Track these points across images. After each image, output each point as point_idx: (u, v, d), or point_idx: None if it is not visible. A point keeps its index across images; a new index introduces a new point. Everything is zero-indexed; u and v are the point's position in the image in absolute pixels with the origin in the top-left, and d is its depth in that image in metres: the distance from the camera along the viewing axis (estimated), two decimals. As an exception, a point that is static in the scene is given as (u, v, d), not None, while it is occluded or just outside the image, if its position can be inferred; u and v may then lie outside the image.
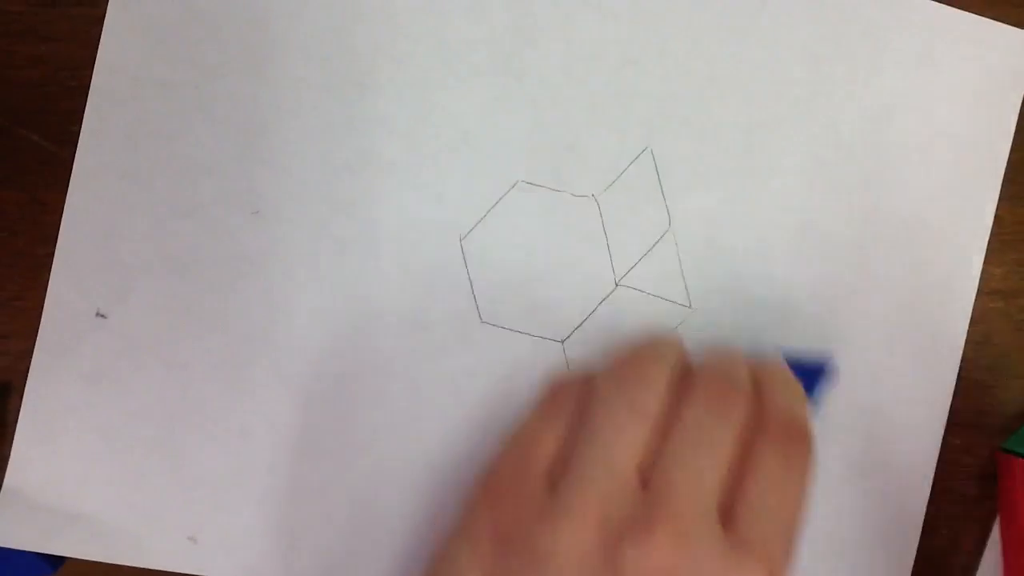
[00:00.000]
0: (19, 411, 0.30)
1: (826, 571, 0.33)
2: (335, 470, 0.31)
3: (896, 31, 0.33)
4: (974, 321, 0.33)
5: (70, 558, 0.31)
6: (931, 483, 0.33)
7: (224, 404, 0.31)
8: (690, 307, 0.32)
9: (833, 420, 0.33)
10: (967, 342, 0.33)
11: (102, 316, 0.30)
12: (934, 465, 0.33)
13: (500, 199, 0.31)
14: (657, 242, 0.32)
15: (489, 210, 0.31)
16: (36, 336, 0.30)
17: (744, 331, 0.33)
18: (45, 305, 0.30)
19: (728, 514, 0.24)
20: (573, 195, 0.32)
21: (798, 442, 0.26)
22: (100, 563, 0.30)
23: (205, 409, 0.31)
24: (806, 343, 0.33)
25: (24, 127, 0.31)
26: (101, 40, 0.30)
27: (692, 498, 0.24)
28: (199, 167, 0.30)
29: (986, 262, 0.34)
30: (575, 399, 0.27)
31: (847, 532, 0.33)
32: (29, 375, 0.30)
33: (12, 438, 0.30)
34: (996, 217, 0.34)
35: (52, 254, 0.30)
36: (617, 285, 0.32)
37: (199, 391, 0.30)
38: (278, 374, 0.31)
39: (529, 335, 0.32)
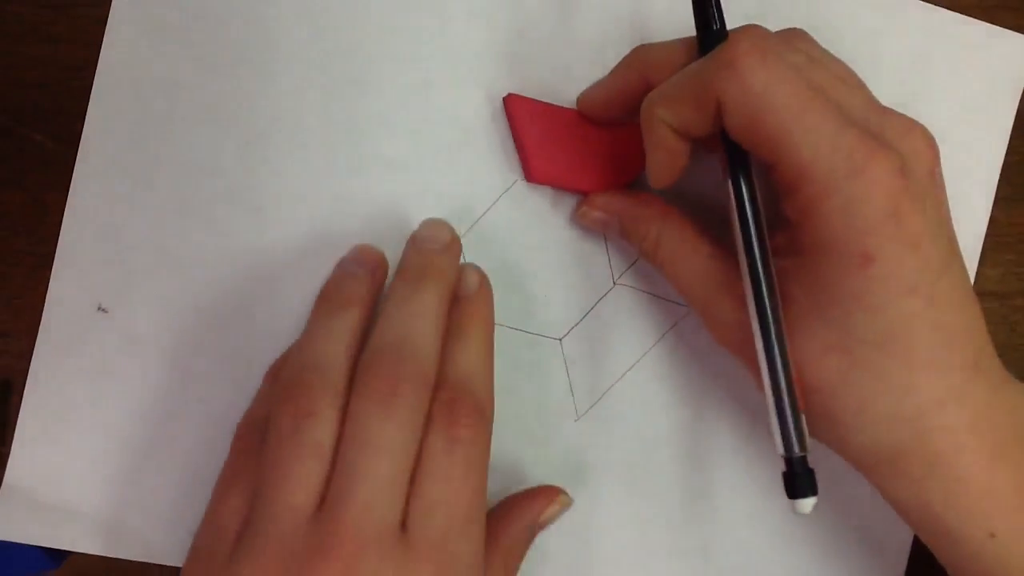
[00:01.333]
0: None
1: (821, 569, 0.33)
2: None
3: (894, 35, 0.33)
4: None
5: (72, 552, 0.31)
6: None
7: (225, 401, 0.31)
8: (687, 305, 0.33)
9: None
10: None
11: (103, 311, 0.30)
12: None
13: (499, 197, 0.32)
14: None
15: (488, 208, 0.32)
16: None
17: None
18: (46, 300, 0.30)
19: (407, 513, 0.24)
20: (571, 193, 0.32)
21: (464, 415, 0.25)
22: (102, 557, 0.31)
23: (206, 406, 0.31)
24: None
25: (27, 127, 0.31)
26: (104, 40, 0.30)
27: (364, 514, 0.24)
28: (201, 166, 0.31)
29: (981, 264, 0.34)
30: (257, 445, 0.26)
31: (841, 531, 0.33)
32: (30, 370, 0.30)
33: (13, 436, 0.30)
34: (991, 219, 0.34)
35: (54, 254, 0.30)
36: (615, 284, 0.32)
37: (200, 388, 0.31)
38: (278, 371, 0.31)
39: (527, 332, 0.32)
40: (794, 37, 0.26)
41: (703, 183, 0.31)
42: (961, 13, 0.33)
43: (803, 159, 0.24)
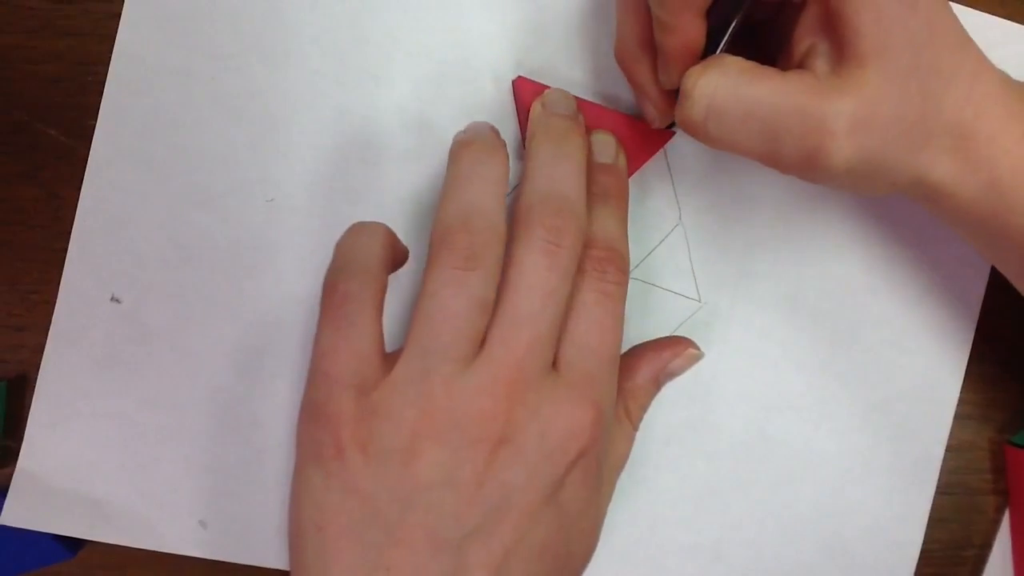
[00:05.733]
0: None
1: (830, 567, 0.33)
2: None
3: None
4: (984, 315, 0.33)
5: (88, 543, 0.31)
6: (937, 477, 0.33)
7: (235, 391, 0.31)
8: (700, 301, 0.33)
9: (841, 416, 0.33)
10: (976, 336, 0.33)
11: (116, 301, 0.31)
12: (940, 459, 0.33)
13: (512, 190, 0.32)
14: (667, 236, 0.32)
15: (500, 201, 0.32)
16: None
17: (753, 326, 0.33)
18: (60, 290, 0.31)
19: (556, 355, 0.26)
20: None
21: (613, 272, 0.27)
22: (115, 548, 0.31)
23: (216, 396, 0.31)
24: (816, 339, 0.33)
25: (42, 122, 0.31)
26: (118, 32, 0.31)
27: (526, 356, 0.25)
28: (214, 157, 0.31)
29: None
30: (359, 291, 0.26)
31: (854, 526, 0.33)
32: (43, 359, 0.31)
33: (29, 428, 0.31)
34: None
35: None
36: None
37: (210, 378, 0.31)
38: (289, 362, 0.31)
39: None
40: None
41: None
42: (974, 8, 0.33)
43: None
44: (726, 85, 0.25)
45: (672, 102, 0.29)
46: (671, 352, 0.30)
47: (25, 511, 0.30)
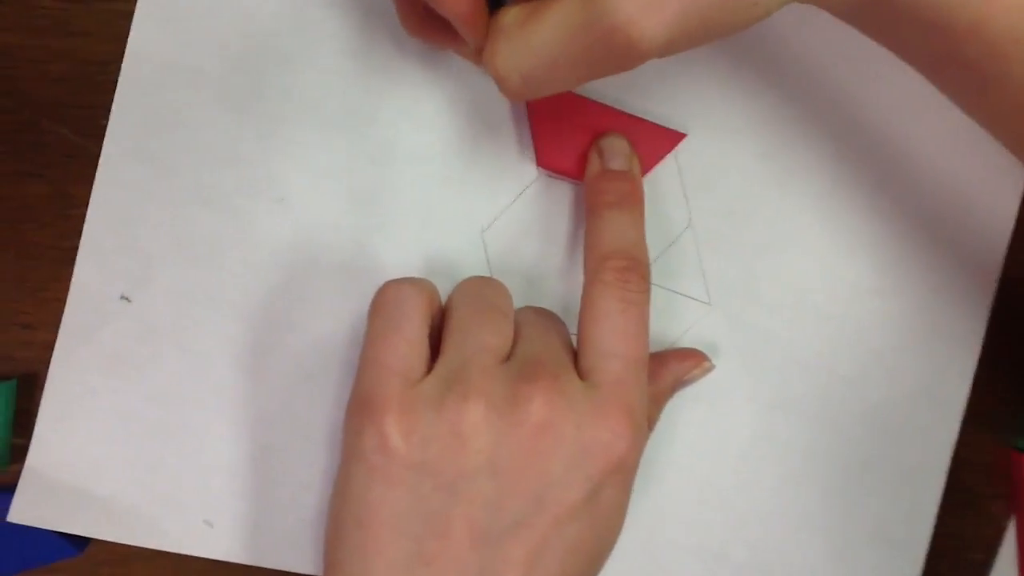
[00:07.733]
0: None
1: (838, 568, 0.33)
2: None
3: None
4: (994, 317, 0.33)
5: (94, 540, 0.31)
6: (944, 481, 0.33)
7: (243, 390, 0.31)
8: (709, 303, 0.33)
9: (847, 418, 0.33)
10: (986, 338, 0.33)
11: (126, 300, 0.31)
12: (948, 463, 0.33)
13: (521, 193, 0.32)
14: (677, 238, 0.32)
15: (511, 203, 0.32)
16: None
17: (761, 327, 0.33)
18: (70, 288, 0.31)
19: (582, 366, 0.27)
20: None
21: (635, 282, 0.28)
22: (121, 545, 0.31)
23: (224, 395, 0.31)
24: (823, 341, 0.33)
25: (52, 121, 0.31)
26: (131, 30, 0.31)
27: (552, 361, 0.26)
28: (224, 156, 0.31)
29: (1011, 250, 0.33)
30: (406, 308, 0.28)
31: (859, 529, 0.33)
32: (52, 357, 0.31)
33: (38, 426, 0.31)
34: (1020, 205, 0.33)
35: (78, 248, 0.31)
36: (636, 280, 0.32)
37: (218, 377, 0.31)
38: (297, 362, 0.31)
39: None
40: None
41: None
42: None
43: None
44: (517, 48, 0.24)
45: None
46: (692, 362, 0.31)
47: (32, 509, 0.30)
